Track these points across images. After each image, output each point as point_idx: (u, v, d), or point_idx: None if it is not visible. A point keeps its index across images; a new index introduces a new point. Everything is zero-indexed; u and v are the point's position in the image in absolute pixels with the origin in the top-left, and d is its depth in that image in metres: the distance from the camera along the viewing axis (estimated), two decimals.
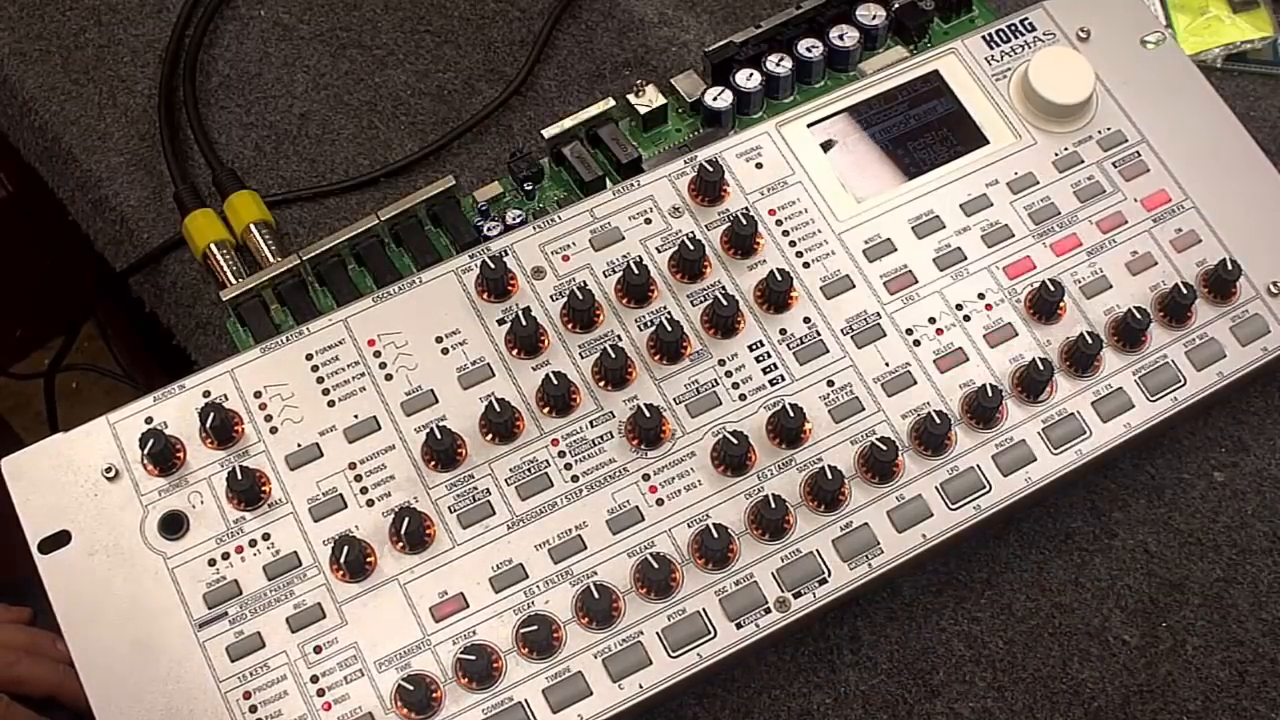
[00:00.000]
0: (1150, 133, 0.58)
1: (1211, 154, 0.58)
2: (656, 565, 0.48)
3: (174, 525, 0.49)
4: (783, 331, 0.53)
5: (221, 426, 0.50)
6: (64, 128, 0.65)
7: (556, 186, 0.61)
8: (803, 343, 0.53)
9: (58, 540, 0.49)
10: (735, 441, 0.50)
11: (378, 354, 0.52)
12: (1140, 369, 0.54)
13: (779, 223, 0.55)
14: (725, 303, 0.52)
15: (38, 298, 1.03)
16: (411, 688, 0.46)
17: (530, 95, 0.65)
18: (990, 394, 0.51)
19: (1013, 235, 0.56)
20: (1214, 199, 0.57)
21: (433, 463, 0.50)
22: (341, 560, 0.48)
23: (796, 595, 0.49)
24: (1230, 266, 0.54)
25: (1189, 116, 0.59)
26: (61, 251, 0.66)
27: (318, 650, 0.48)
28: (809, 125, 0.57)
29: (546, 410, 0.52)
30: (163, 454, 0.50)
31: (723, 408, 0.52)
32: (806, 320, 0.54)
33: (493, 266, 0.53)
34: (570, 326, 0.53)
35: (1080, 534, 0.55)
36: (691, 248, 0.53)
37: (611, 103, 0.61)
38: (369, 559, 0.49)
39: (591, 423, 0.51)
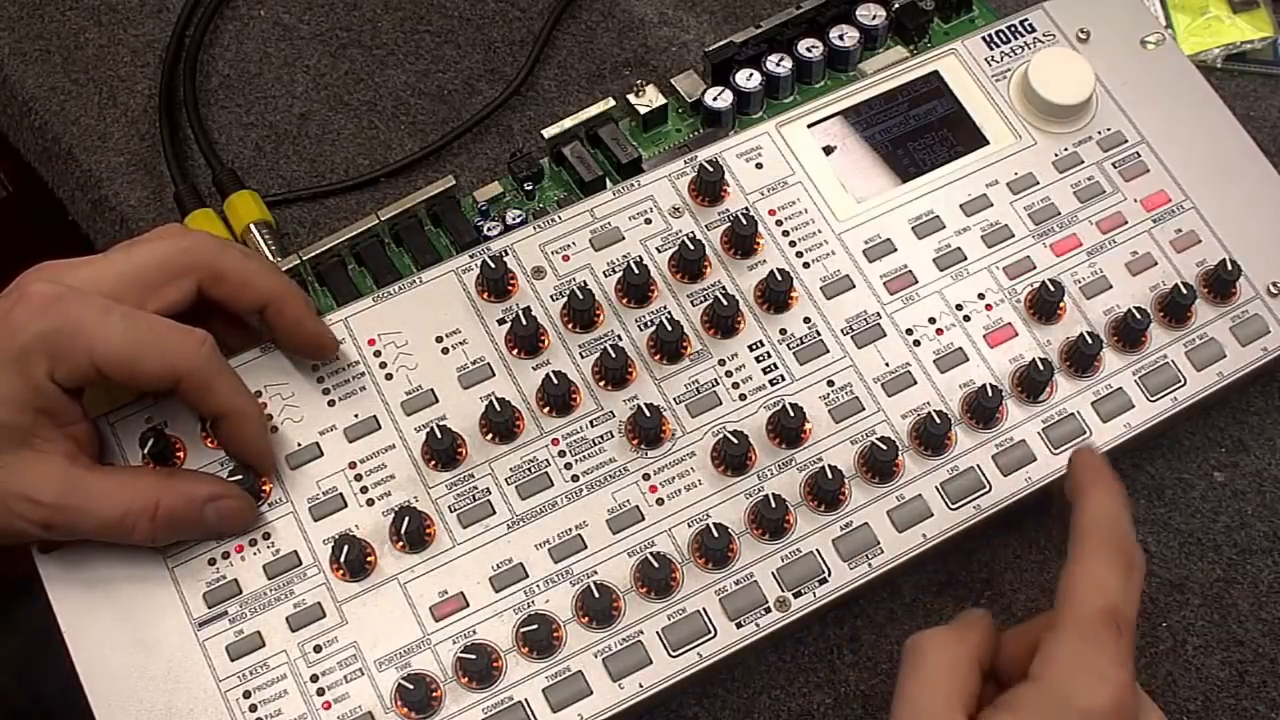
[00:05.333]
0: (1150, 133, 0.58)
1: (1211, 154, 0.58)
2: (656, 565, 0.48)
3: None
4: (783, 331, 0.53)
5: None
6: (64, 128, 0.65)
7: (556, 186, 0.61)
8: (803, 343, 0.53)
9: None
10: (735, 441, 0.50)
11: (378, 354, 0.52)
12: (1140, 369, 0.54)
13: (779, 223, 0.55)
14: (725, 303, 0.52)
15: None
16: (411, 687, 0.46)
17: (530, 95, 0.65)
18: (990, 394, 0.51)
19: (1013, 235, 0.56)
20: (1214, 199, 0.57)
21: (433, 462, 0.50)
22: (341, 559, 0.48)
23: (796, 595, 0.49)
24: (1230, 266, 0.54)
25: (1189, 117, 0.59)
26: (61, 251, 0.66)
27: (318, 649, 0.48)
28: (809, 125, 0.57)
29: (546, 410, 0.52)
30: (163, 453, 0.50)
31: (723, 407, 0.52)
32: (806, 320, 0.54)
33: (493, 266, 0.53)
34: (570, 326, 0.53)
35: None
36: (692, 248, 0.53)
37: (611, 103, 0.61)
38: (369, 558, 0.49)
39: (591, 422, 0.51)
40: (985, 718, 0.42)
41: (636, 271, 0.53)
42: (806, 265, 0.55)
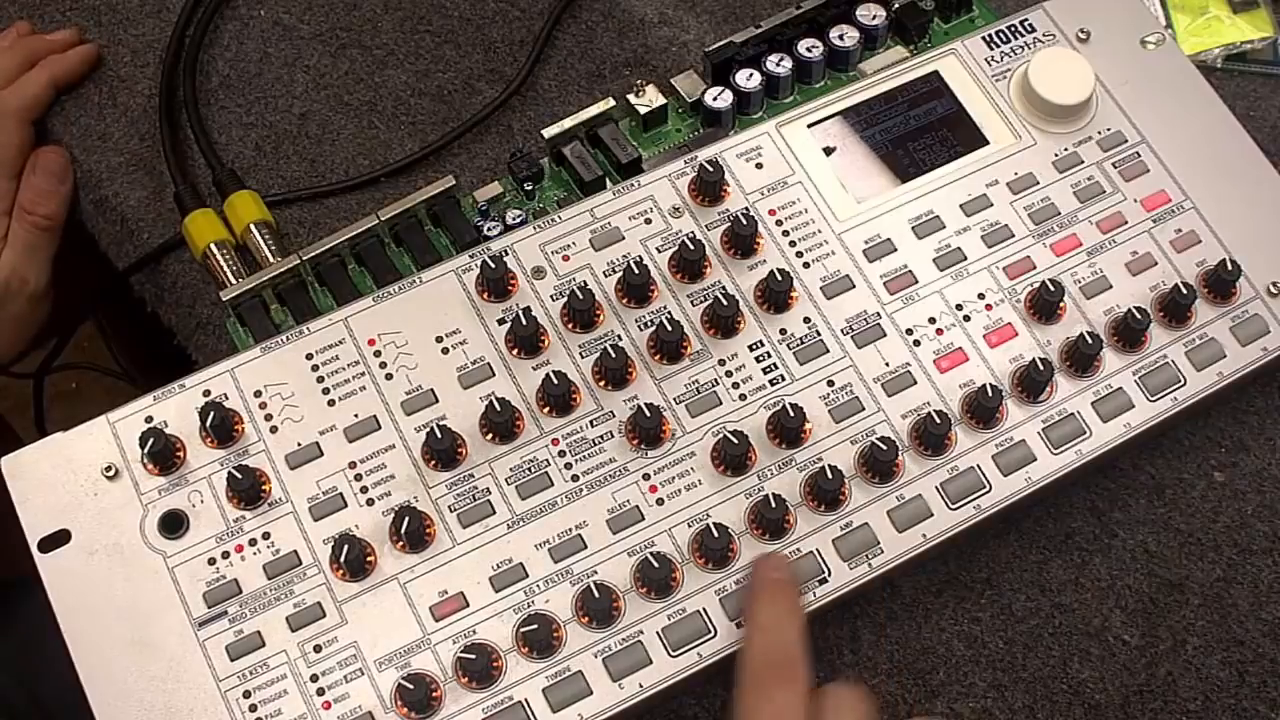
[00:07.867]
0: (1150, 133, 0.58)
1: (1211, 154, 0.58)
2: (656, 564, 0.48)
3: (174, 524, 0.49)
4: (783, 331, 0.53)
5: (221, 425, 0.50)
6: (64, 128, 0.65)
7: (556, 186, 0.61)
8: (803, 343, 0.53)
9: (57, 539, 0.49)
10: (735, 441, 0.50)
11: (378, 353, 0.52)
12: (1140, 369, 0.54)
13: (779, 223, 0.55)
14: (725, 303, 0.52)
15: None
16: (411, 687, 0.46)
17: (530, 95, 0.65)
18: (990, 394, 0.51)
19: (1013, 235, 0.56)
20: (1214, 199, 0.57)
21: (433, 462, 0.50)
22: (341, 559, 0.48)
23: None
24: (1230, 266, 0.54)
25: (1189, 117, 0.59)
26: (61, 251, 0.66)
27: (317, 649, 0.48)
28: (809, 125, 0.57)
29: (546, 410, 0.52)
30: (163, 453, 0.50)
31: (723, 407, 0.52)
32: (806, 320, 0.54)
33: (493, 266, 0.53)
34: (570, 326, 0.53)
35: (1080, 534, 0.55)
36: (692, 248, 0.53)
37: (611, 103, 0.61)
38: (369, 558, 0.49)
39: (591, 422, 0.51)
40: None
41: (636, 271, 0.53)
42: (806, 265, 0.55)
